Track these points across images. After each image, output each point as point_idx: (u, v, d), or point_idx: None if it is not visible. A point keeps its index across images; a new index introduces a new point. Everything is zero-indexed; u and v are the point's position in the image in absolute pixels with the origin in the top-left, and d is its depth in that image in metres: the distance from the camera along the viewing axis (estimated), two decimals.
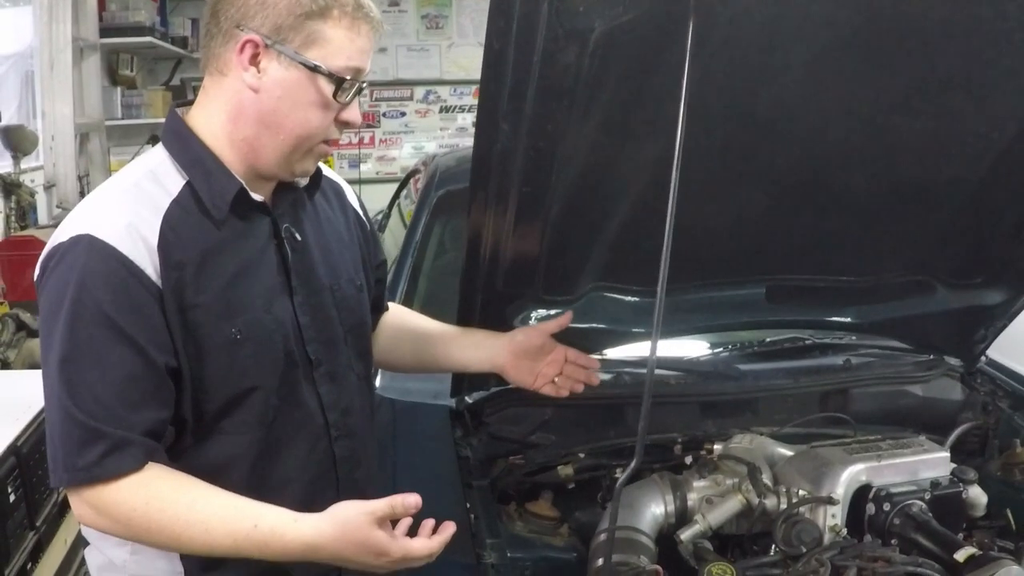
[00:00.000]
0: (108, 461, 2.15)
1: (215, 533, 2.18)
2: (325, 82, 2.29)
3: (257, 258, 2.42)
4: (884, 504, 2.89)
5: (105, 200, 2.33)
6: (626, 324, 3.29)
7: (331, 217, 2.70)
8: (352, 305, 2.67)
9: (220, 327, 2.30)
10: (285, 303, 2.46)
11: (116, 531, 2.26)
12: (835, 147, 2.89)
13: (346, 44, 2.29)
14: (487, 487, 3.07)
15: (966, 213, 3.25)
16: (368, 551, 2.17)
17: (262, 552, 2.19)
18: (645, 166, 2.60)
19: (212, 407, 2.33)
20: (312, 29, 2.27)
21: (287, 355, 2.43)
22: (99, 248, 2.19)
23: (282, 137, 2.34)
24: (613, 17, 2.18)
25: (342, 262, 2.67)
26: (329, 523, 2.19)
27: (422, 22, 11.88)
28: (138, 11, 9.50)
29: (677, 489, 3.00)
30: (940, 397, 3.89)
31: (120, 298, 2.18)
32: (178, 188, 2.34)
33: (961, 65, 2.66)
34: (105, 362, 2.17)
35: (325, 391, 2.53)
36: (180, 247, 2.26)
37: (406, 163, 10.81)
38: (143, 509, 2.16)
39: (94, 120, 9.23)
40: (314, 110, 2.31)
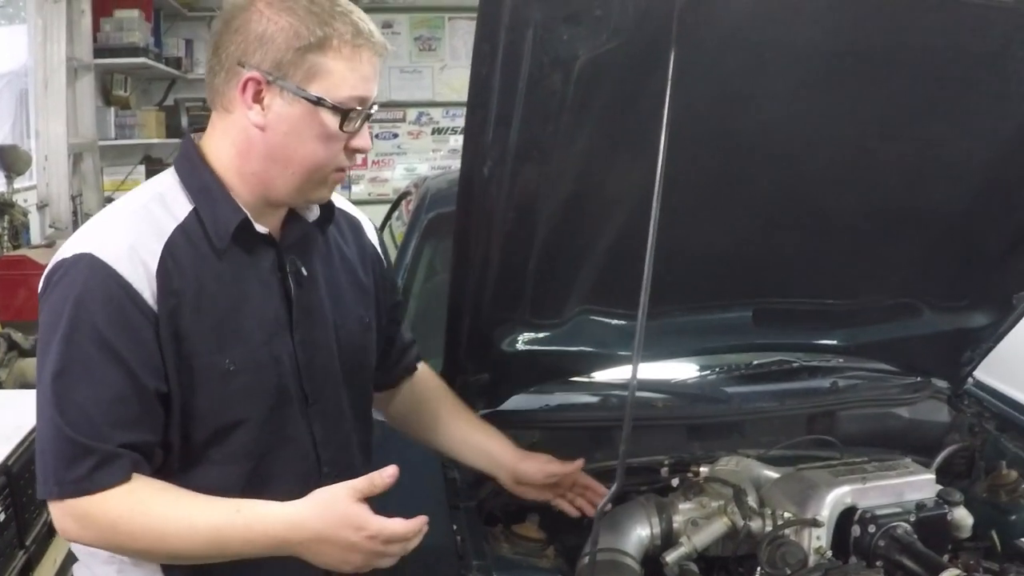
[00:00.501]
0: (97, 475, 2.16)
1: (198, 526, 2.19)
2: (330, 114, 2.28)
3: (259, 290, 2.42)
4: (869, 526, 2.89)
5: (111, 220, 2.34)
6: (613, 347, 3.29)
7: (344, 252, 2.69)
8: (356, 344, 2.67)
9: (213, 358, 2.31)
10: (285, 338, 2.45)
11: (99, 542, 2.27)
12: (821, 172, 2.91)
13: (348, 74, 2.29)
14: (474, 509, 3.06)
15: (951, 236, 3.27)
16: (348, 523, 2.18)
17: (245, 538, 2.20)
18: (631, 191, 2.61)
19: (200, 436, 2.33)
20: (312, 62, 2.26)
21: (280, 390, 2.43)
22: (99, 268, 2.21)
23: (291, 171, 2.34)
24: (597, 45, 2.20)
25: (352, 299, 2.66)
26: (310, 500, 2.22)
27: (415, 44, 11.88)
28: (132, 32, 9.49)
29: (663, 511, 3.01)
30: (927, 419, 3.90)
31: (116, 319, 2.20)
32: (184, 214, 2.35)
33: (944, 91, 2.68)
34: (96, 381, 2.18)
35: (319, 428, 2.53)
36: (179, 275, 2.27)
37: (398, 184, 10.79)
38: (128, 516, 2.17)
39: (87, 140, 9.23)
40: (321, 142, 2.31)
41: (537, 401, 3.50)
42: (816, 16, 2.35)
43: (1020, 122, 2.82)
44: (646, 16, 2.15)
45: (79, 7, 8.86)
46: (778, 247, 3.20)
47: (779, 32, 2.37)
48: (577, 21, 2.14)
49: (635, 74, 2.31)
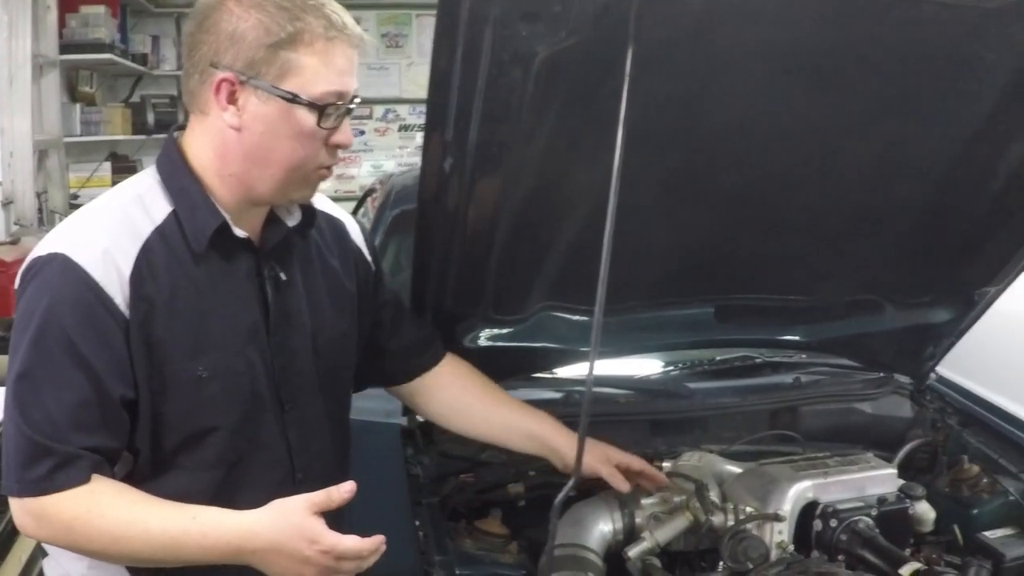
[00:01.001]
0: (56, 476, 2.16)
1: (153, 530, 2.17)
2: (306, 111, 2.25)
3: (235, 295, 2.41)
4: (831, 520, 2.91)
5: (88, 221, 2.32)
6: (575, 343, 3.30)
7: (325, 256, 2.67)
8: (334, 350, 2.65)
9: (186, 364, 2.30)
10: (260, 344, 2.44)
11: (56, 541, 2.27)
12: (782, 169, 2.92)
13: (322, 69, 2.25)
14: (437, 505, 3.07)
15: (913, 233, 3.28)
16: (302, 536, 2.16)
17: (200, 545, 2.19)
18: (592, 187, 2.62)
19: (171, 442, 2.33)
20: (285, 59, 2.23)
21: (255, 396, 2.42)
22: (72, 270, 2.20)
23: (271, 171, 2.32)
24: (556, 42, 2.20)
25: (331, 305, 2.64)
26: (266, 510, 2.21)
27: (382, 41, 11.84)
28: (98, 28, 9.44)
29: (625, 506, 3.02)
30: (889, 414, 3.92)
31: (85, 323, 2.19)
32: (163, 215, 2.33)
33: (905, 89, 2.69)
34: (60, 384, 2.18)
35: (294, 434, 2.52)
36: (152, 280, 2.26)
37: (365, 181, 10.75)
38: (84, 517, 2.17)
39: (53, 137, 9.18)
40: (299, 140, 2.28)
41: None
42: (776, 15, 2.35)
43: (981, 120, 2.83)
44: (604, 13, 2.15)
45: (44, 3, 8.81)
46: (741, 244, 3.21)
47: (739, 31, 2.37)
48: (535, 18, 2.14)
49: (594, 71, 2.31)
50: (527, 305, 3.19)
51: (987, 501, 3.38)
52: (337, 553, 2.18)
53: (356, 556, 2.21)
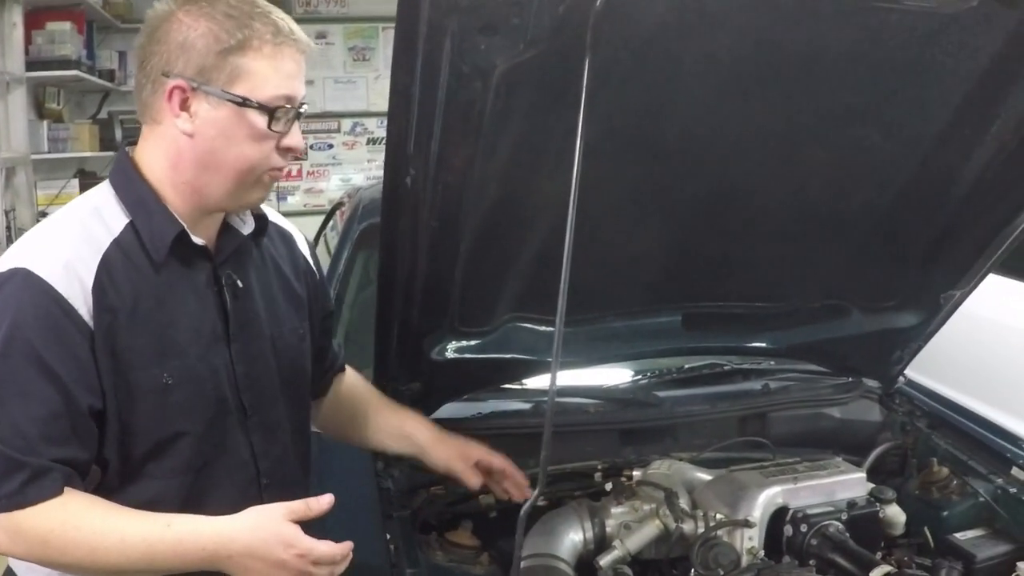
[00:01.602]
0: (30, 489, 2.16)
1: (129, 540, 2.18)
2: (257, 115, 2.29)
3: (195, 303, 2.43)
4: (801, 525, 2.92)
5: (47, 235, 2.35)
6: (543, 354, 3.29)
7: (279, 264, 2.70)
8: (293, 355, 2.67)
9: (151, 372, 2.31)
10: (222, 350, 2.46)
11: (32, 556, 2.26)
12: (745, 176, 2.93)
13: (271, 73, 2.29)
14: (408, 517, 3.07)
15: (877, 238, 3.30)
16: (279, 540, 2.19)
17: (176, 552, 2.20)
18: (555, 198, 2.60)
19: (139, 451, 2.33)
20: (234, 64, 2.27)
21: (219, 402, 2.43)
22: (34, 283, 2.21)
23: (223, 175, 2.35)
24: (514, 55, 2.20)
25: (287, 311, 2.67)
26: (243, 515, 2.24)
27: (349, 54, 11.87)
28: (65, 44, 9.41)
29: (595, 515, 3.02)
30: (859, 419, 3.93)
31: (50, 335, 2.20)
32: (120, 227, 2.35)
33: (865, 95, 2.71)
34: (29, 396, 2.18)
35: (257, 440, 2.53)
36: (115, 290, 2.27)
37: (334, 195, 10.74)
38: (59, 530, 2.17)
39: (20, 154, 9.15)
40: (250, 144, 2.31)
41: (469, 409, 3.51)
42: (734, 24, 2.36)
43: (942, 125, 2.85)
44: (562, 25, 2.15)
45: (10, 20, 8.79)
46: (706, 252, 3.22)
47: (697, 40, 2.39)
48: (494, 31, 2.14)
49: (553, 83, 2.32)
50: (494, 316, 3.19)
51: (957, 503, 3.40)
52: (313, 557, 2.21)
53: (330, 561, 2.24)
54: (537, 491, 2.24)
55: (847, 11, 2.39)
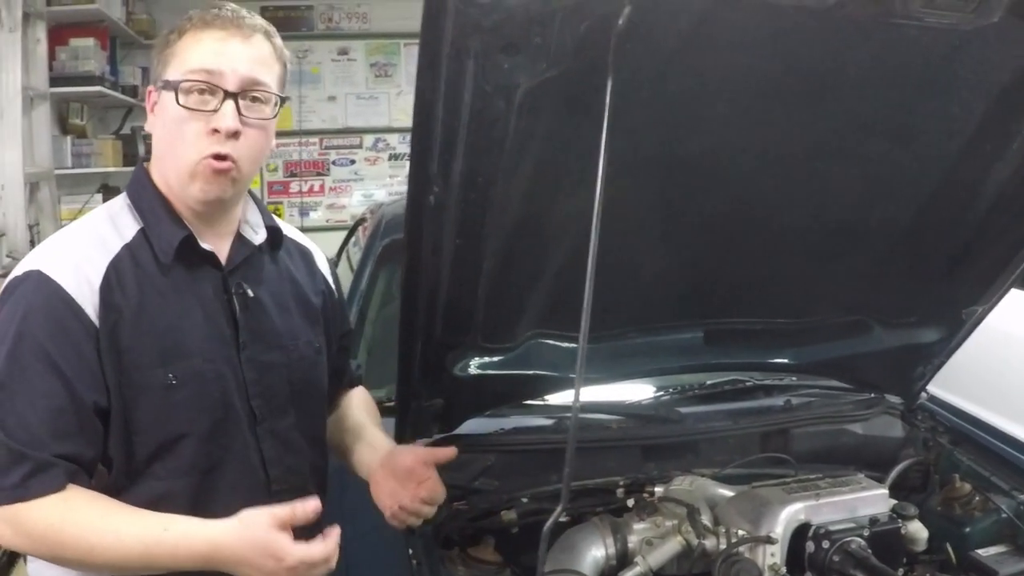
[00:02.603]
0: (32, 483, 2.20)
1: (126, 540, 2.21)
2: (171, 93, 2.36)
3: (202, 308, 2.47)
4: (823, 542, 2.91)
5: (62, 241, 2.43)
6: (565, 370, 3.28)
7: (295, 278, 2.74)
8: (307, 367, 2.70)
9: (155, 371, 2.35)
10: (231, 356, 2.49)
11: (32, 549, 2.30)
12: (767, 192, 2.93)
13: (187, 52, 2.39)
14: (430, 533, 3.06)
15: (899, 253, 3.29)
16: (267, 553, 2.20)
17: (171, 556, 2.23)
18: (578, 215, 2.61)
19: (144, 450, 2.37)
20: (167, 54, 2.41)
21: (226, 406, 2.46)
22: (45, 283, 2.29)
23: (169, 163, 2.44)
24: (537, 74, 2.21)
25: (302, 324, 2.70)
26: (234, 522, 2.25)
27: (371, 70, 11.90)
28: (88, 60, 9.44)
29: (617, 532, 3.02)
30: (881, 435, 3.92)
31: (58, 333, 2.26)
32: (132, 233, 2.42)
33: (886, 111, 2.71)
34: (35, 391, 2.24)
35: (267, 447, 2.56)
36: (121, 291, 2.33)
37: (356, 211, 10.71)
38: (59, 525, 2.20)
39: (44, 169, 9.18)
40: (176, 124, 2.38)
41: (491, 425, 3.51)
42: (755, 40, 2.36)
43: (964, 141, 2.84)
44: (584, 44, 2.16)
45: (34, 36, 8.83)
46: (728, 268, 3.22)
47: (718, 57, 2.39)
48: (516, 50, 2.15)
49: (576, 102, 2.32)
50: (517, 333, 3.19)
51: (979, 519, 3.39)
52: (308, 564, 2.23)
53: (324, 560, 2.25)
54: (560, 507, 2.24)
55: (868, 28, 2.39)
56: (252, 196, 2.67)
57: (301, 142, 11.90)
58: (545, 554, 2.34)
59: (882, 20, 2.34)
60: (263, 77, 2.42)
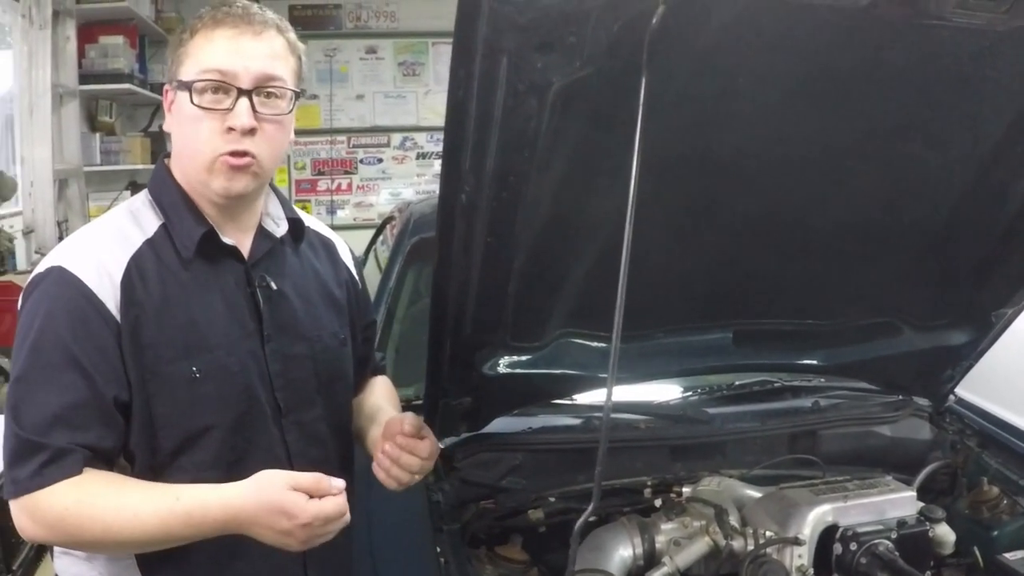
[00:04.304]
0: (47, 470, 2.21)
1: (142, 515, 2.21)
2: (185, 93, 2.37)
3: (225, 302, 2.47)
4: (851, 544, 2.92)
5: (84, 237, 2.44)
6: (593, 369, 3.29)
7: (318, 270, 2.74)
8: (332, 358, 2.69)
9: (179, 365, 2.36)
10: (255, 349, 2.49)
11: (52, 536, 2.31)
12: (797, 193, 2.93)
13: (199, 52, 2.39)
14: (458, 531, 3.07)
15: (929, 255, 3.28)
16: (281, 511, 2.19)
17: (187, 525, 2.22)
18: (608, 214, 2.62)
19: (168, 444, 2.37)
20: (180, 54, 2.41)
21: (250, 399, 2.46)
22: (67, 279, 2.30)
23: (186, 161, 2.45)
24: (570, 73, 2.21)
25: (326, 315, 2.70)
26: (249, 483, 2.25)
27: (399, 69, 11.93)
28: (117, 58, 9.49)
29: (645, 532, 3.03)
30: (909, 437, 3.92)
31: (79, 328, 2.27)
32: (154, 228, 2.43)
33: (917, 112, 2.70)
34: (54, 385, 2.25)
35: (292, 439, 2.55)
36: (143, 286, 2.34)
37: (383, 209, 10.74)
38: (75, 508, 2.20)
39: (73, 166, 9.22)
40: (192, 123, 2.38)
41: (520, 424, 3.51)
42: (787, 41, 2.36)
43: (993, 142, 2.84)
44: (618, 43, 2.16)
45: (64, 33, 8.87)
46: (757, 268, 3.21)
47: (751, 57, 2.38)
48: (550, 49, 2.15)
49: (609, 100, 2.32)
50: (546, 332, 3.19)
51: (1007, 523, 3.39)
52: (322, 519, 2.22)
53: (339, 514, 2.24)
54: (591, 506, 2.24)
55: (900, 28, 2.38)
56: (274, 189, 2.67)
57: (329, 140, 11.95)
58: (575, 553, 2.34)
59: (914, 21, 2.34)
60: (277, 72, 2.42)
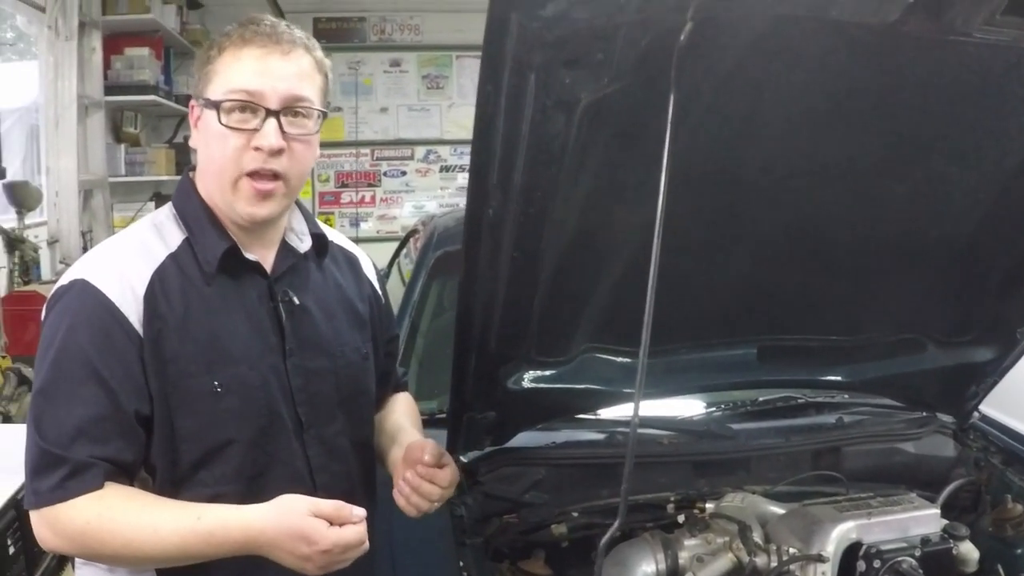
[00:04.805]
0: (69, 484, 2.21)
1: (162, 532, 2.21)
2: (213, 111, 2.37)
3: (248, 316, 2.48)
4: (874, 561, 2.90)
5: (107, 250, 2.44)
6: (618, 384, 3.30)
7: (342, 285, 2.74)
8: (355, 373, 2.69)
9: (201, 379, 2.36)
10: (277, 363, 2.49)
11: (72, 549, 2.31)
12: (822, 208, 2.93)
13: (227, 71, 2.38)
14: (480, 545, 3.07)
15: (954, 271, 3.28)
16: (301, 537, 2.20)
17: (207, 544, 2.23)
18: (634, 230, 2.63)
19: (189, 457, 2.37)
20: (208, 71, 2.41)
21: (272, 413, 2.46)
22: (90, 293, 2.31)
23: (210, 179, 2.45)
24: (598, 89, 2.21)
25: (348, 330, 2.69)
26: (270, 507, 2.26)
27: (423, 82, 11.99)
28: (143, 70, 9.54)
29: (668, 547, 3.02)
30: (932, 454, 3.90)
31: (101, 341, 2.28)
32: (177, 243, 2.44)
33: (944, 128, 2.70)
34: (76, 398, 2.25)
35: (314, 453, 2.55)
36: (166, 300, 2.34)
37: (407, 222, 10.78)
38: (96, 522, 2.21)
39: (98, 177, 9.27)
40: (218, 142, 2.39)
41: (543, 438, 3.51)
42: (813, 57, 2.36)
43: (1019, 157, 2.83)
44: (646, 59, 2.16)
45: (90, 45, 8.93)
46: (782, 284, 3.22)
47: (778, 73, 2.39)
48: (578, 65, 2.15)
49: (636, 115, 2.32)
50: (571, 347, 3.19)
51: None
52: (342, 546, 2.22)
53: (359, 542, 2.25)
54: (617, 522, 2.24)
55: (926, 45, 2.38)
56: (298, 204, 2.67)
57: (353, 153, 11.98)
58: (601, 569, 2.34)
59: (941, 37, 2.33)
60: (304, 92, 2.42)
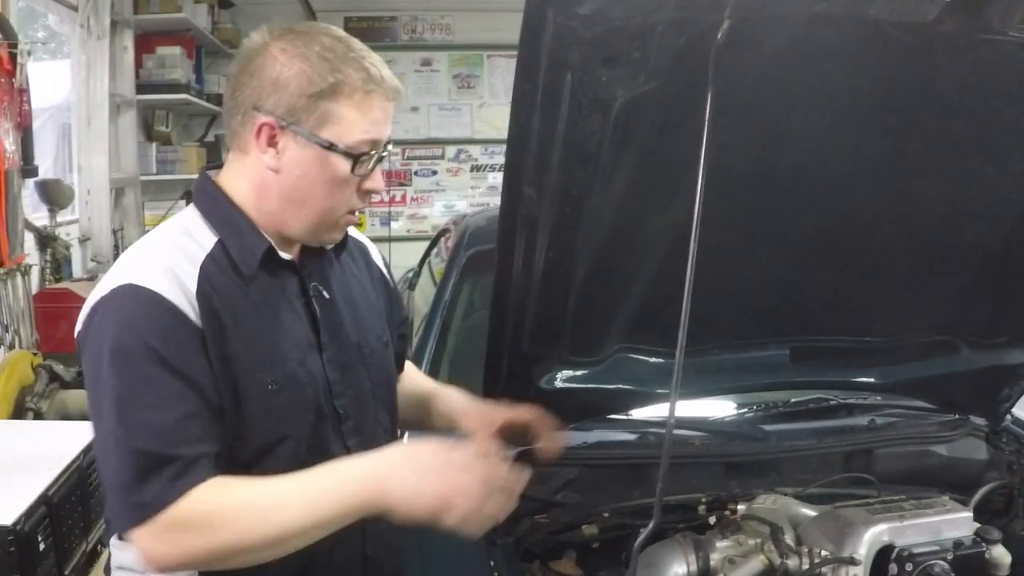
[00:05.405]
0: (180, 481, 2.17)
1: (287, 492, 2.21)
2: (341, 159, 2.33)
3: (289, 313, 2.48)
4: (907, 564, 2.88)
5: (143, 253, 2.40)
6: (651, 385, 3.30)
7: (357, 275, 2.76)
8: (380, 360, 2.71)
9: (258, 377, 2.35)
10: (315, 358, 2.51)
11: (196, 547, 2.20)
12: (857, 208, 2.92)
13: (359, 120, 2.34)
14: (511, 545, 3.06)
15: (989, 273, 3.26)
16: (440, 445, 2.22)
17: (336, 489, 2.21)
18: (669, 229, 2.63)
19: (245, 454, 2.36)
20: (324, 108, 2.32)
21: (317, 408, 2.47)
22: (143, 294, 2.25)
23: (304, 213, 2.41)
24: (635, 87, 2.21)
25: (369, 319, 2.72)
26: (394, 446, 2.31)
27: (454, 82, 12.02)
28: (174, 69, 9.59)
29: (699, 549, 3.00)
30: (965, 457, 3.88)
31: (168, 337, 2.23)
32: (211, 244, 2.40)
33: (979, 127, 2.70)
34: (162, 398, 2.21)
35: (353, 444, 2.55)
36: (217, 297, 2.32)
37: (437, 221, 10.83)
38: (221, 505, 2.19)
39: (129, 175, 9.31)
40: (333, 186, 2.37)
41: (575, 438, 3.47)
42: (849, 56, 2.36)
43: None
44: (683, 57, 2.16)
45: (122, 44, 8.98)
46: (815, 285, 3.21)
47: (813, 72, 2.39)
48: (615, 63, 2.15)
49: (672, 114, 2.32)
50: (604, 347, 3.18)
51: None
52: (485, 457, 2.26)
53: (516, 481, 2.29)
54: (652, 523, 2.24)
55: (963, 44, 2.38)
56: None
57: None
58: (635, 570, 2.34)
59: (978, 36, 2.33)
60: None
